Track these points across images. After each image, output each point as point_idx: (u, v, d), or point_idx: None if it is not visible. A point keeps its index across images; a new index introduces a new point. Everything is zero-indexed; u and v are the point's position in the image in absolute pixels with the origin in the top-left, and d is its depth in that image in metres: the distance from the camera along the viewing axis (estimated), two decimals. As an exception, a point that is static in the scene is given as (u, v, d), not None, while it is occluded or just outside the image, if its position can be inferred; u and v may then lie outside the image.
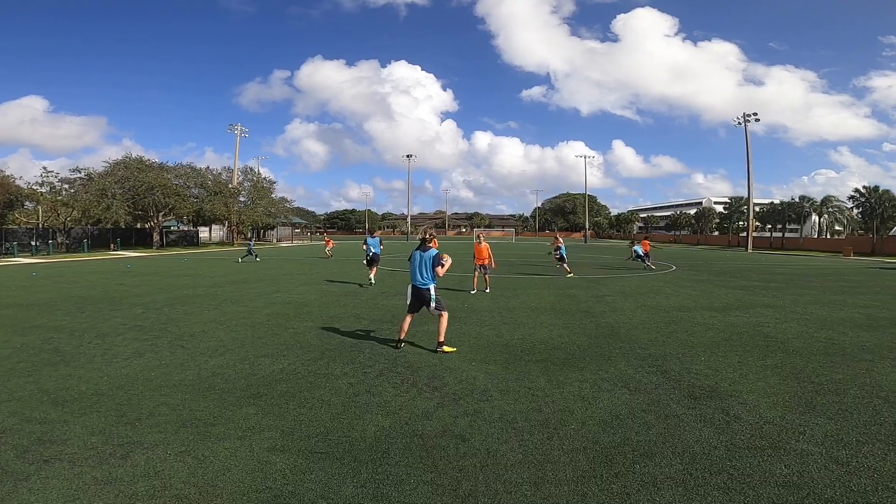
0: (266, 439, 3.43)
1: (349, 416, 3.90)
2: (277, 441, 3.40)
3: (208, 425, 3.69)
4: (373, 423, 3.74)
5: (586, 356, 5.82)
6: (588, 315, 8.65)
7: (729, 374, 5.01)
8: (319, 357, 5.77)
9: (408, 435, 3.52)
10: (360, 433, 3.55)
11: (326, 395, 4.41)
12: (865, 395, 4.28)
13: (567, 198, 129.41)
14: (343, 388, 4.61)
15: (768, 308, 9.54)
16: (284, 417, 3.85)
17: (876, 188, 51.71)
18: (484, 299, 10.65)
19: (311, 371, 5.18)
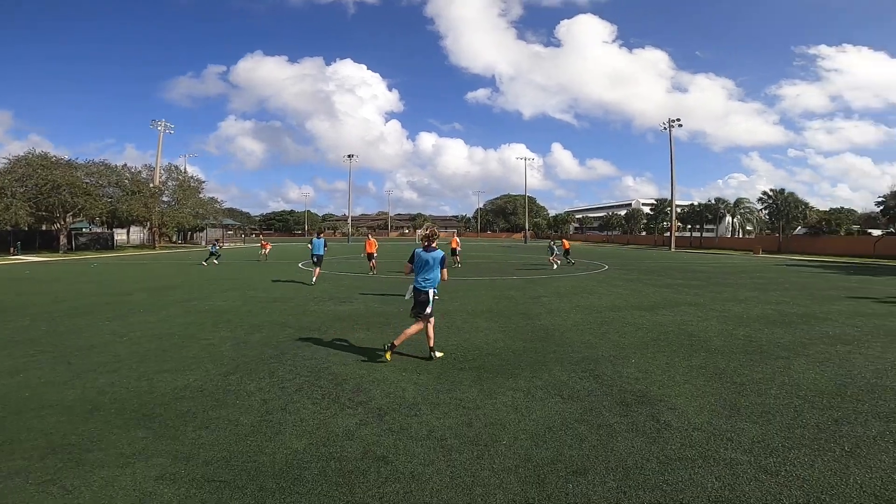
0: (154, 466, 2.99)
1: (258, 437, 3.50)
2: (168, 468, 2.97)
3: (84, 451, 3.19)
4: (285, 445, 3.38)
5: (521, 362, 5.67)
6: (525, 317, 8.59)
7: (658, 376, 5.03)
8: (232, 371, 5.25)
9: (324, 458, 3.18)
10: (270, 457, 3.17)
11: (234, 413, 3.96)
12: (785, 394, 4.40)
13: (508, 199, 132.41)
14: (255, 405, 4.17)
15: (691, 306, 9.98)
16: (180, 441, 3.42)
17: (782, 191, 56.97)
18: (421, 303, 10.34)
19: (219, 387, 4.67)
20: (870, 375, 4.94)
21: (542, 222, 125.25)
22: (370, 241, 18.23)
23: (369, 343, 6.72)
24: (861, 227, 66.12)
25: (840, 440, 3.38)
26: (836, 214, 64.04)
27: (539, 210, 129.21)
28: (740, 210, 65.44)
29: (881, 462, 3.03)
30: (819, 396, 4.31)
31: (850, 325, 7.91)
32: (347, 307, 9.86)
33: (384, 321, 8.37)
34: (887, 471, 2.91)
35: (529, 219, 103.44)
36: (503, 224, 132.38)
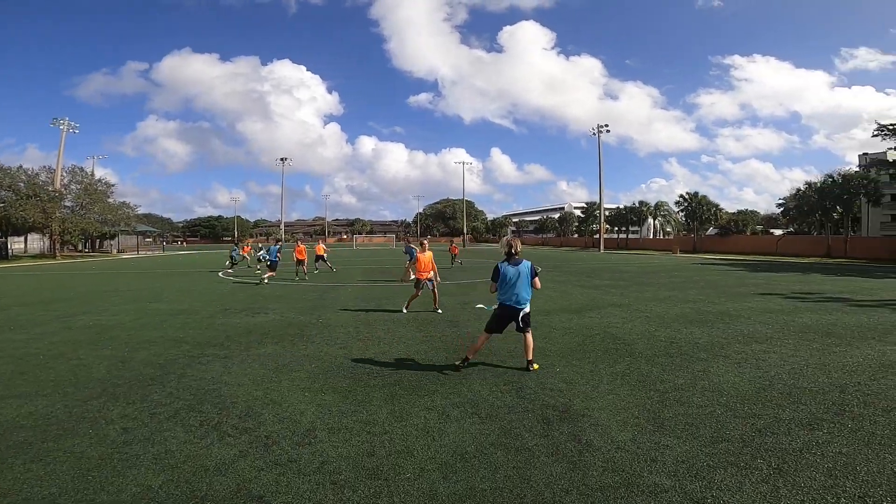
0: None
1: (105, 471, 3.01)
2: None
3: None
4: (137, 481, 2.90)
5: (440, 376, 5.20)
6: (451, 325, 8.14)
7: (582, 386, 4.72)
8: (98, 395, 4.51)
9: (183, 497, 2.66)
10: (113, 496, 2.69)
11: (82, 444, 3.37)
12: (707, 402, 4.20)
13: (447, 203, 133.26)
14: (113, 434, 3.61)
15: (616, 307, 10.02)
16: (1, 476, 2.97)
17: (696, 194, 61.43)
18: (342, 312, 9.61)
19: (73, 414, 3.99)
20: (786, 377, 4.91)
21: (481, 226, 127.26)
22: (299, 248, 17.99)
23: (276, 359, 5.99)
24: (764, 227, 73.03)
25: (766, 455, 3.15)
26: (743, 216, 70.33)
27: (478, 214, 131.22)
28: (660, 213, 69.90)
29: (811, 481, 2.80)
30: (741, 403, 4.15)
31: (762, 322, 8.19)
32: (261, 319, 8.95)
33: (298, 332, 7.61)
34: (819, 491, 2.68)
35: (468, 223, 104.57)
36: (443, 228, 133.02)
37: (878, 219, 52.61)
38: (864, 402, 4.11)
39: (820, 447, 3.23)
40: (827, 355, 5.78)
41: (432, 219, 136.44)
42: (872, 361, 5.46)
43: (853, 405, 4.03)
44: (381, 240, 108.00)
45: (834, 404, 4.05)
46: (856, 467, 2.93)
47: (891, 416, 3.74)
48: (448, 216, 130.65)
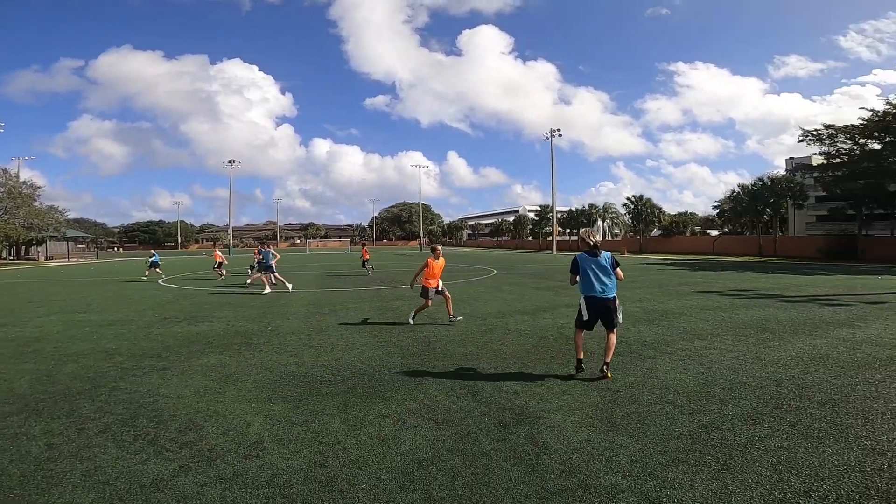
0: None
1: (27, 489, 2.85)
2: None
3: None
4: (63, 498, 2.74)
5: (396, 381, 5.09)
6: (408, 330, 8.01)
7: (537, 388, 4.74)
8: (19, 411, 4.19)
9: None
10: None
11: (2, 462, 3.23)
12: (657, 399, 4.31)
13: (403, 207, 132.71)
14: (35, 451, 3.39)
15: (569, 308, 10.21)
16: None
17: (641, 197, 64.46)
18: (293, 319, 9.27)
19: None
20: (727, 372, 5.14)
21: (437, 229, 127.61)
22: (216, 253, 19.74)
23: (220, 369, 5.68)
24: (702, 228, 77.51)
25: (713, 451, 3.24)
26: (683, 217, 74.40)
27: (434, 218, 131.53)
28: (609, 215, 72.81)
29: (758, 476, 2.88)
30: (687, 399, 4.28)
31: (702, 318, 8.61)
32: (204, 327, 8.46)
33: (245, 341, 7.26)
34: (766, 486, 2.75)
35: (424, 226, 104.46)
36: (399, 232, 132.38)
37: (803, 219, 57.10)
38: (800, 395, 4.33)
39: (763, 441, 3.36)
40: (762, 350, 6.12)
41: (388, 222, 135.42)
42: (804, 355, 5.82)
43: (790, 398, 4.23)
44: (337, 244, 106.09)
45: (772, 398, 4.25)
46: (798, 461, 3.04)
47: (825, 408, 3.95)
48: (404, 220, 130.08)
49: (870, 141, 36.75)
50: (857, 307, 9.99)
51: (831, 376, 4.87)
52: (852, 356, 5.70)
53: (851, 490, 2.65)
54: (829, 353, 5.84)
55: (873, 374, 4.93)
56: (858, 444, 3.24)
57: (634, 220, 65.82)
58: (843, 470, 2.89)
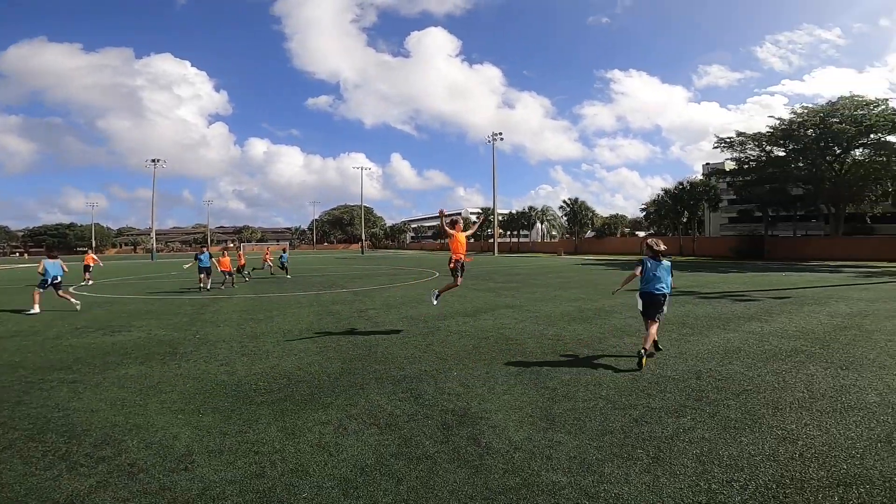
0: None
1: None
2: None
3: None
4: None
5: (336, 387, 4.95)
6: (348, 333, 7.83)
7: (479, 388, 4.79)
8: None
9: None
10: None
11: None
12: (591, 396, 4.49)
13: (345, 209, 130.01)
14: None
15: (509, 308, 10.48)
16: None
17: (576, 200, 67.56)
18: (225, 327, 8.76)
19: None
20: (654, 366, 5.46)
21: (380, 232, 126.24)
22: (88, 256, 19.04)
23: (140, 381, 5.28)
24: (631, 229, 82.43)
25: (644, 444, 3.41)
26: (614, 219, 78.89)
27: (377, 220, 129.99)
28: (547, 217, 75.55)
29: (685, 468, 3.05)
30: (619, 394, 4.50)
31: (631, 315, 9.08)
32: (122, 337, 7.79)
33: (170, 351, 6.78)
34: (692, 477, 2.92)
35: (367, 229, 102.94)
36: (340, 235, 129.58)
37: (718, 221, 62.39)
38: (717, 387, 4.67)
39: (687, 433, 3.57)
40: (684, 344, 6.58)
41: (329, 225, 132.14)
42: (720, 348, 6.32)
43: (708, 391, 4.55)
44: (274, 248, 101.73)
45: (693, 391, 4.55)
46: (719, 452, 3.24)
47: (740, 399, 4.29)
48: (346, 222, 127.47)
49: (775, 148, 40.86)
50: (765, 302, 11.01)
51: (744, 368, 5.31)
52: (761, 348, 6.27)
53: (768, 479, 2.86)
54: (741, 346, 6.38)
55: (780, 364, 5.44)
56: (771, 433, 3.52)
57: (570, 223, 68.81)
58: (760, 459, 3.12)
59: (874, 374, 4.96)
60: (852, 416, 3.77)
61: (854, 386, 4.55)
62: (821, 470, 2.93)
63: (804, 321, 8.27)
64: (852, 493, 2.65)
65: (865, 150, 36.88)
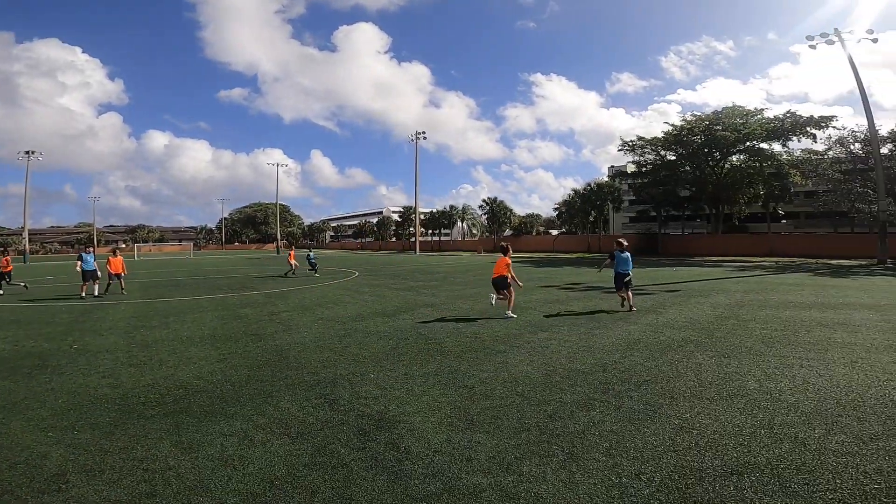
0: None
1: None
2: None
3: None
4: None
5: (241, 397, 4.59)
6: (256, 339, 7.30)
7: (397, 391, 4.68)
8: None
9: None
10: None
11: None
12: (508, 393, 4.55)
13: (259, 207, 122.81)
14: None
15: (428, 307, 10.47)
16: None
17: (496, 199, 69.70)
18: (110, 335, 7.80)
19: None
20: (565, 361, 5.68)
21: (297, 231, 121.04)
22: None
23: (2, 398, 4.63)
24: (545, 228, 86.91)
25: (559, 440, 3.48)
26: (530, 218, 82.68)
27: (293, 219, 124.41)
28: (467, 216, 77.18)
29: (597, 462, 3.13)
30: (533, 390, 4.60)
31: (545, 311, 9.52)
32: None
33: (39, 363, 5.97)
34: (605, 472, 3.01)
35: (283, 228, 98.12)
36: (253, 234, 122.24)
37: (620, 220, 67.73)
38: (621, 378, 4.94)
39: (596, 427, 3.70)
40: (591, 338, 6.94)
41: (241, 224, 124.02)
42: (622, 341, 6.75)
43: (613, 383, 4.79)
44: (176, 248, 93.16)
45: (601, 384, 4.77)
46: (626, 444, 3.37)
47: (641, 390, 4.55)
48: (259, 221, 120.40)
49: (668, 153, 45.13)
50: (659, 295, 12.07)
51: (643, 359, 5.71)
52: (657, 339, 6.80)
53: (671, 469, 3.01)
54: (640, 338, 6.88)
55: (673, 354, 5.91)
56: (669, 423, 3.74)
57: (490, 221, 70.88)
58: (662, 450, 3.28)
59: (752, 361, 5.56)
60: (737, 403, 4.15)
61: (736, 373, 5.06)
62: (715, 459, 3.15)
63: (691, 312, 9.15)
64: (745, 480, 2.85)
65: (742, 156, 42.07)
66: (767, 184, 40.60)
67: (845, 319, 8.15)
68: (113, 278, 14.54)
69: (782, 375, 4.95)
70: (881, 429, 3.54)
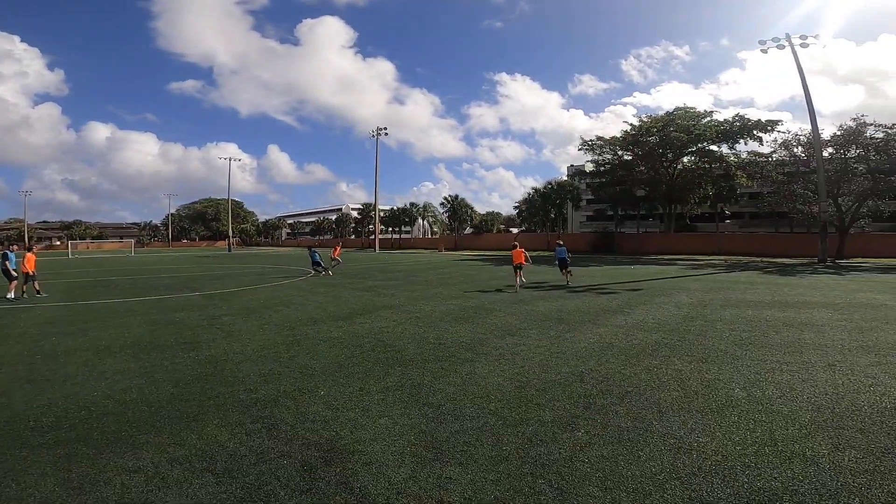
0: None
1: None
2: None
3: None
4: None
5: (157, 420, 3.84)
6: (189, 348, 6.41)
7: (351, 411, 4.01)
8: None
9: None
10: None
11: None
12: (479, 412, 3.97)
13: (209, 203, 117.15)
14: None
15: (388, 309, 9.77)
16: None
17: (457, 197, 69.42)
18: (14, 345, 6.66)
19: None
20: (538, 369, 5.17)
21: (251, 228, 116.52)
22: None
23: None
24: (506, 226, 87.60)
25: (544, 471, 2.95)
26: (491, 217, 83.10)
27: (247, 215, 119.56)
28: (428, 214, 76.55)
29: (593, 499, 2.62)
30: (508, 407, 4.05)
31: (510, 313, 9.04)
32: None
33: None
34: None
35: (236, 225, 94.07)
36: (204, 231, 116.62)
37: (578, 219, 69.12)
38: (601, 390, 4.45)
39: (584, 452, 3.19)
40: (562, 342, 6.49)
41: (189, 220, 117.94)
42: (595, 345, 6.33)
43: (595, 395, 4.30)
44: (116, 245, 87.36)
45: (581, 397, 4.27)
46: (622, 473, 2.90)
47: (625, 403, 4.08)
48: (210, 217, 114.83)
49: (625, 153, 46.24)
50: (623, 294, 11.91)
51: (619, 366, 5.27)
52: (630, 343, 6.43)
53: (677, 501, 2.57)
54: (612, 342, 6.49)
55: (650, 360, 5.52)
56: (664, 443, 3.30)
57: (451, 219, 70.54)
58: (664, 478, 2.83)
59: (731, 366, 5.26)
60: (729, 416, 3.78)
61: (718, 380, 4.72)
62: (726, 486, 2.73)
63: (658, 313, 8.95)
64: (765, 511, 2.43)
65: (693, 158, 43.65)
66: (717, 185, 42.30)
67: (808, 319, 8.15)
68: (29, 279, 12.95)
69: (766, 382, 4.66)
70: (890, 441, 3.24)
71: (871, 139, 29.13)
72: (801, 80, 26.93)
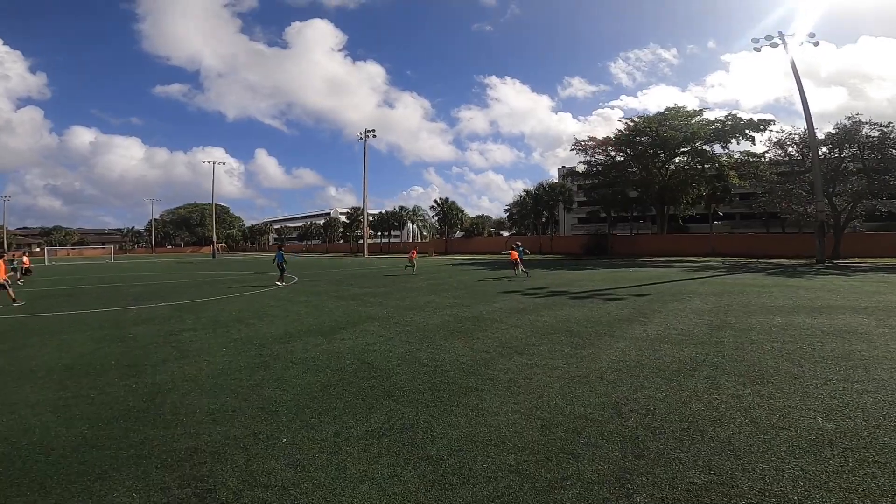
0: None
1: None
2: None
3: None
4: None
5: (51, 476, 2.82)
6: (130, 372, 5.28)
7: (321, 470, 2.95)
8: None
9: None
10: None
11: None
12: (495, 467, 2.89)
13: (194, 208, 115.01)
14: None
15: (375, 321, 8.64)
16: None
17: (447, 200, 68.35)
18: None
19: None
20: (561, 401, 4.11)
21: (237, 234, 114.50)
22: None
23: None
24: (496, 229, 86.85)
25: None
26: (481, 220, 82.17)
27: (233, 220, 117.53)
28: (418, 218, 75.46)
29: None
30: (532, 460, 3.00)
31: (513, 324, 8.01)
32: None
33: None
34: None
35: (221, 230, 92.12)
36: (188, 237, 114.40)
37: (570, 221, 68.55)
38: (650, 428, 3.45)
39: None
40: (581, 362, 5.46)
41: (174, 226, 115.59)
42: (620, 364, 5.30)
43: (643, 437, 3.31)
44: (99, 252, 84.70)
45: (625, 439, 3.27)
46: None
47: (687, 446, 3.10)
48: (195, 223, 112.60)
49: (618, 154, 45.73)
50: (630, 300, 10.96)
51: (659, 392, 4.27)
52: (660, 360, 5.41)
53: None
54: (639, 360, 5.48)
55: (694, 383, 4.52)
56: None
57: (441, 223, 69.47)
58: None
59: (794, 388, 4.30)
60: (830, 458, 2.85)
61: (791, 408, 3.76)
62: None
63: (678, 321, 8.00)
64: None
65: (685, 158, 43.22)
66: (710, 185, 41.89)
67: (846, 326, 7.26)
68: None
69: (848, 407, 3.73)
70: None
71: (867, 138, 28.76)
72: (796, 78, 26.50)
